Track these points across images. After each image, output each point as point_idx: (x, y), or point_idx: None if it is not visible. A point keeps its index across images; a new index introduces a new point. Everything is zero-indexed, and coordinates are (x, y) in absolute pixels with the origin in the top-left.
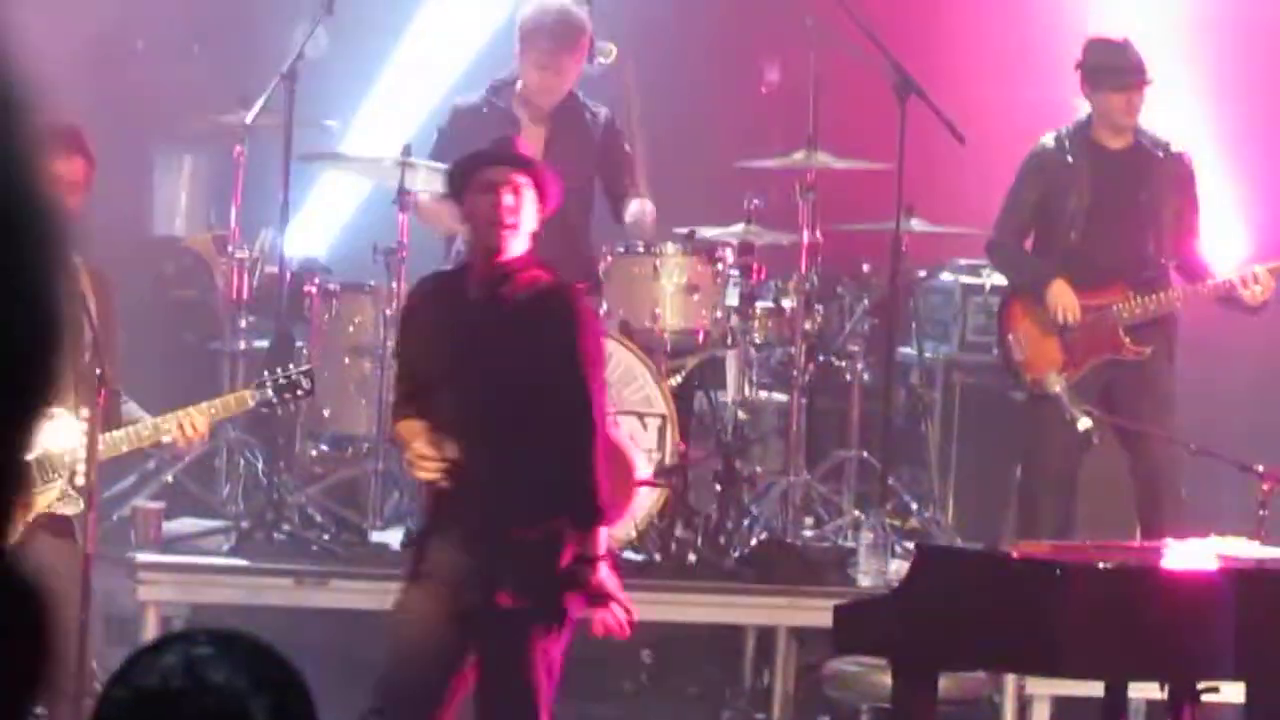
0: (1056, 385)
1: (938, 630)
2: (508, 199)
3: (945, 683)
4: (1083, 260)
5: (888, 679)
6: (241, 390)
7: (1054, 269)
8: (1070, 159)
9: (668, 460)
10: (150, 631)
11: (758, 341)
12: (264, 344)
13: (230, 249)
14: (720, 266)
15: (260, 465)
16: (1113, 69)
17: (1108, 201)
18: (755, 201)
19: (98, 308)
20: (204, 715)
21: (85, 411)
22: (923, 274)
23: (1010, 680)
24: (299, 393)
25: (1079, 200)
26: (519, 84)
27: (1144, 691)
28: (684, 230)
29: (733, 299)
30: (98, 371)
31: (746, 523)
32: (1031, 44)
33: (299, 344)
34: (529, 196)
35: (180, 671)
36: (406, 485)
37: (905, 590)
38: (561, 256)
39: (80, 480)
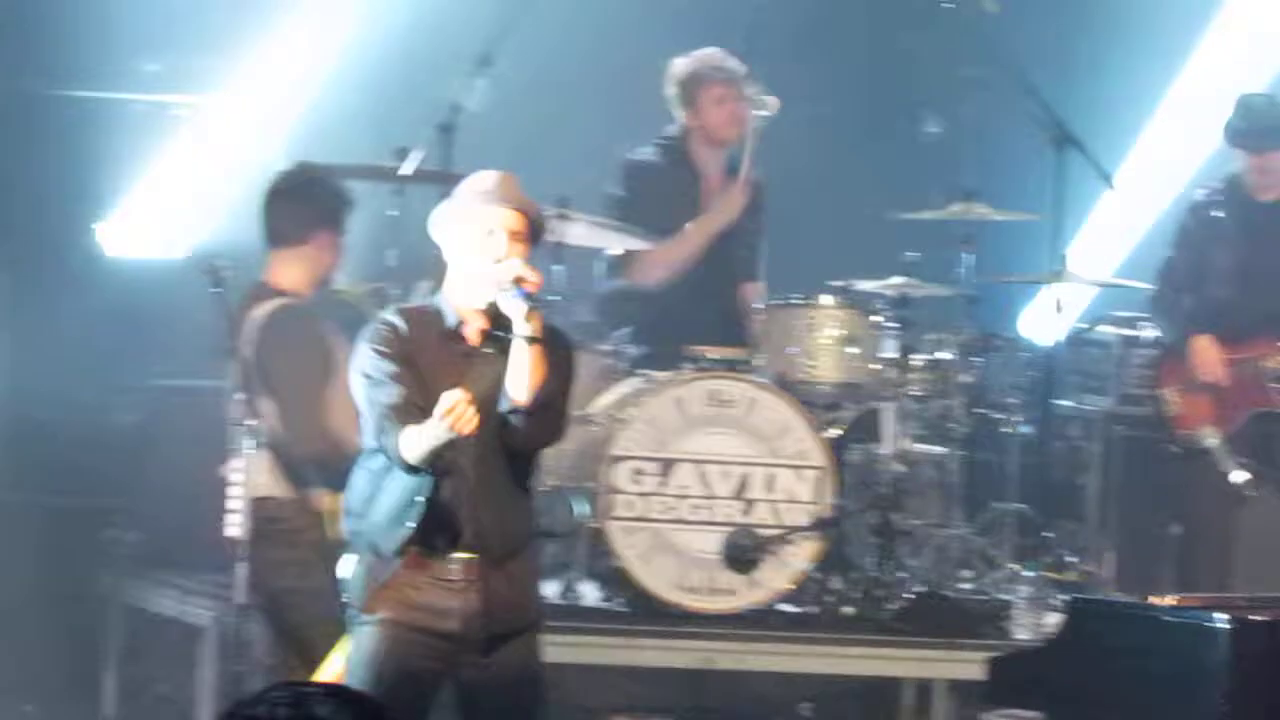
0: (1209, 440)
1: (1093, 683)
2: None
3: None
4: (1233, 313)
5: None
6: None
7: (1201, 324)
8: (1222, 213)
9: (825, 512)
10: None
11: (915, 394)
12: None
13: (388, 301)
14: (877, 319)
15: None
16: (1248, 132)
17: (1257, 255)
18: (913, 254)
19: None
20: None
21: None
22: (1082, 326)
23: None
24: None
25: (1229, 254)
26: (690, 134)
27: None
28: (841, 283)
29: (890, 351)
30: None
31: (903, 575)
32: (1187, 95)
33: None
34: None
35: (287, 703)
36: (563, 537)
37: (1060, 643)
38: (728, 320)
39: None
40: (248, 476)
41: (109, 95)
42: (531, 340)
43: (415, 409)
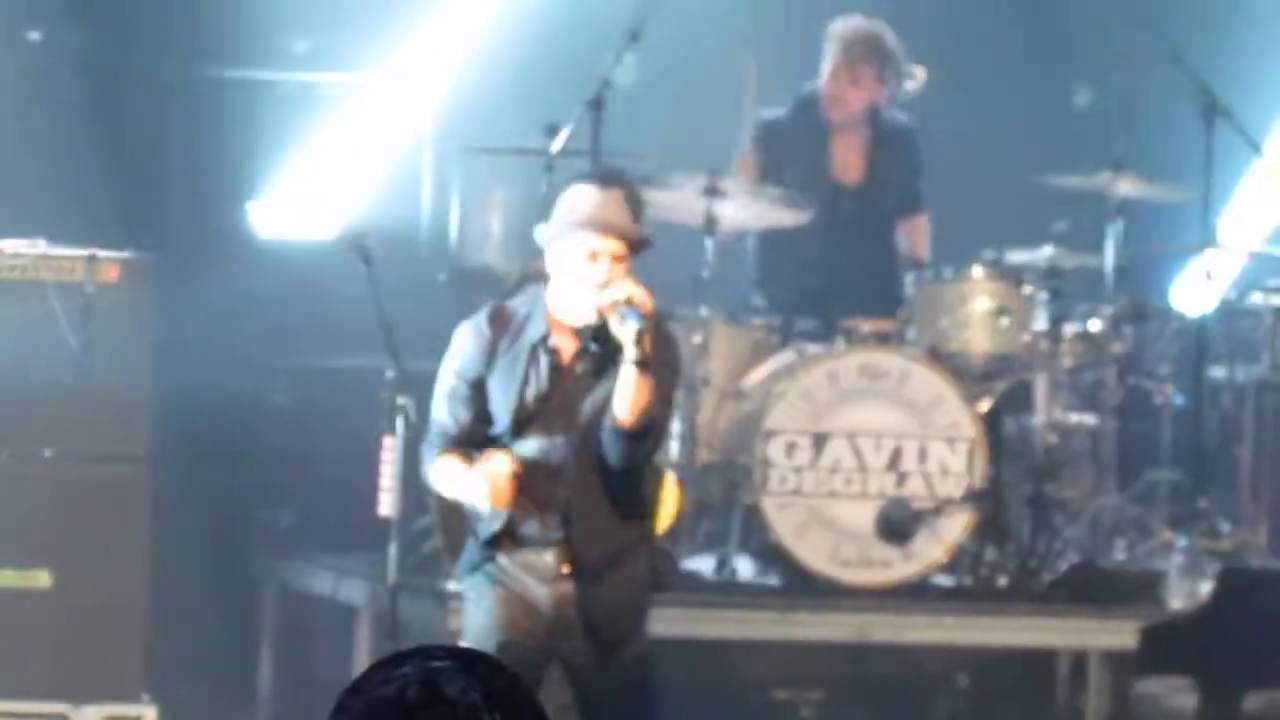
0: None
1: (1244, 650)
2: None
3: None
4: None
5: (1194, 700)
6: None
7: None
8: None
9: (978, 484)
10: None
11: (1067, 365)
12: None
13: (542, 279)
14: (1029, 290)
15: None
16: None
17: None
18: (1063, 224)
19: None
20: None
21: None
22: (1232, 295)
23: None
24: None
25: None
26: (821, 93)
27: None
28: (991, 254)
29: (1041, 322)
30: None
31: (1057, 546)
32: None
33: None
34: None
35: (416, 681)
36: (718, 512)
37: (1214, 611)
38: (880, 284)
39: None
40: (400, 454)
41: (258, 75)
42: (642, 365)
43: (462, 432)
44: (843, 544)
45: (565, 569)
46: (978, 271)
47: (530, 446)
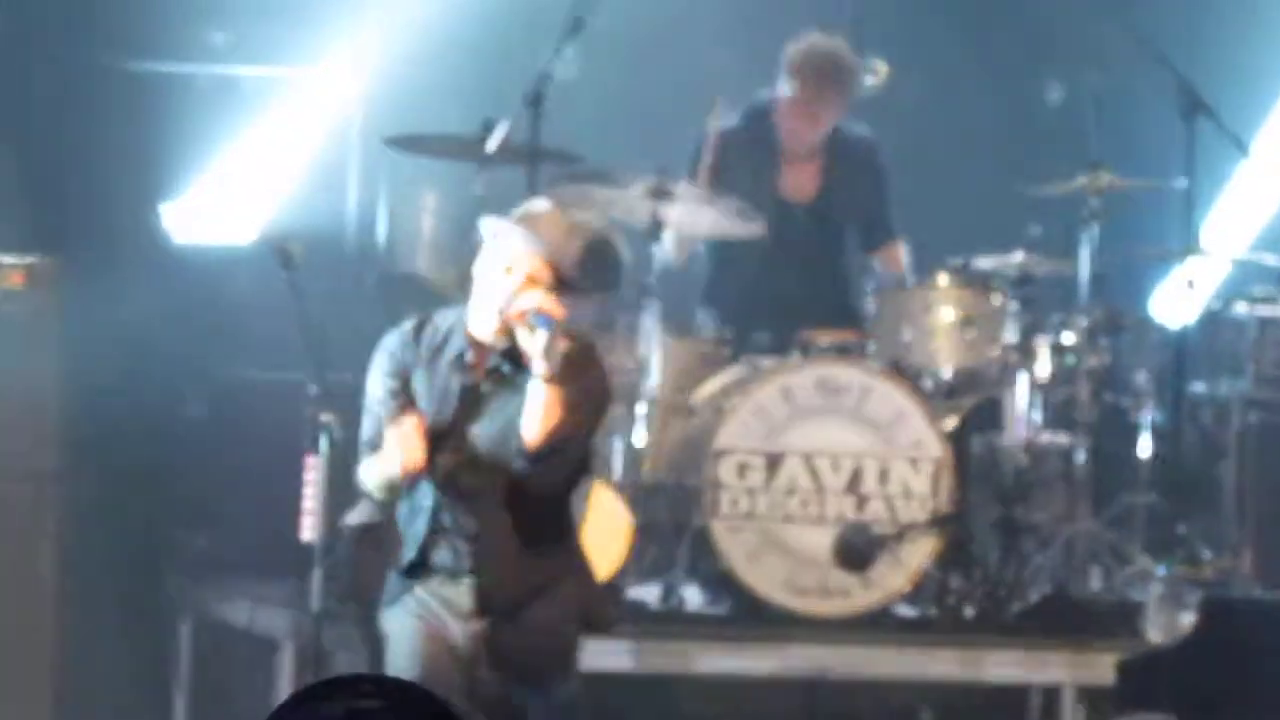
0: None
1: (1229, 685)
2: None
3: None
4: None
5: None
6: None
7: None
8: None
9: (943, 507)
10: None
11: (1039, 379)
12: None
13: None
14: (998, 299)
15: None
16: None
17: None
18: (1034, 229)
19: None
20: None
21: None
22: (1216, 305)
23: None
24: None
25: None
26: (777, 111)
27: None
28: (958, 260)
29: (1012, 334)
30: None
31: (1028, 574)
32: None
33: None
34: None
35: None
36: (664, 537)
37: (1196, 643)
38: (833, 303)
39: None
40: (324, 475)
41: (173, 68)
42: (551, 380)
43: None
44: (798, 571)
45: (475, 605)
46: (943, 279)
47: (441, 469)
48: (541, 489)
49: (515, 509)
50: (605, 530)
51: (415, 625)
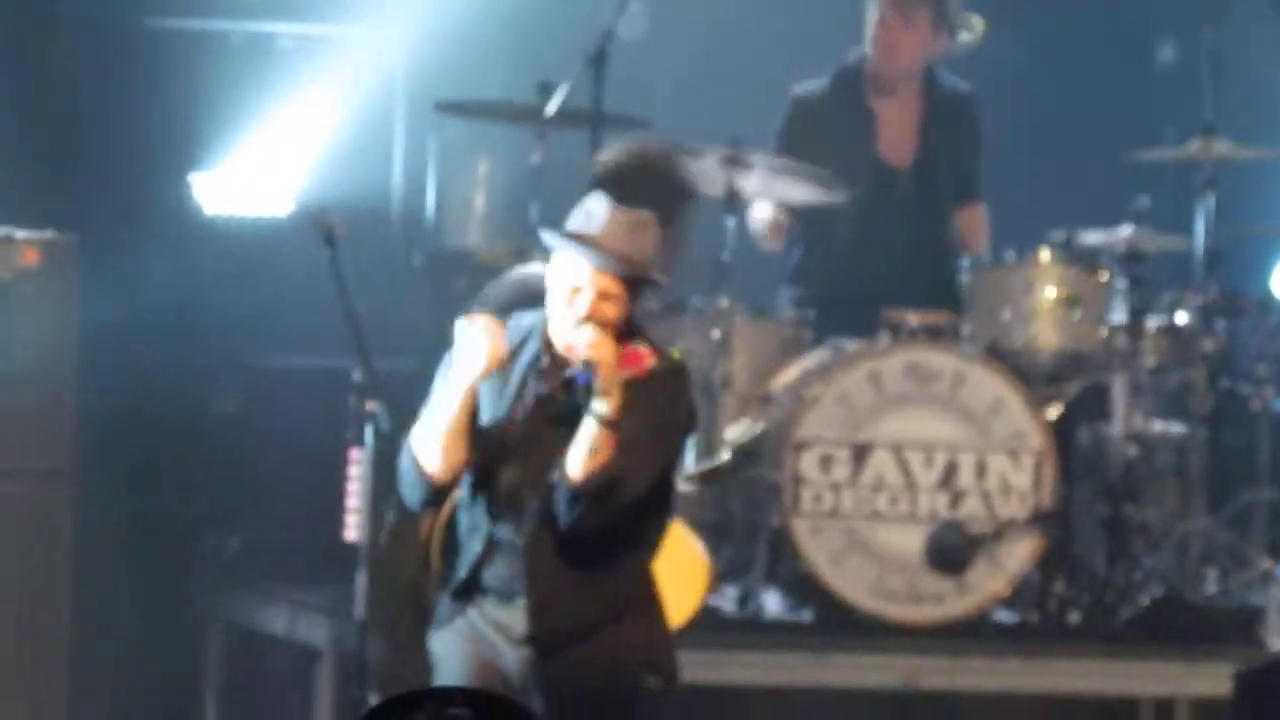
0: None
1: None
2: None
3: None
4: None
5: None
6: None
7: None
8: None
9: (1045, 503)
10: None
11: (1150, 364)
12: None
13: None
14: (1105, 277)
15: None
16: None
17: None
18: (1144, 200)
19: None
20: None
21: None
22: None
23: None
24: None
25: None
26: (864, 64)
27: None
28: (1061, 235)
29: (1119, 315)
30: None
31: (1138, 577)
32: None
33: None
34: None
35: None
36: (739, 537)
37: None
38: (933, 276)
39: None
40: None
41: (205, 25)
42: (608, 424)
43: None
44: (887, 574)
45: (527, 630)
46: (1045, 256)
47: (503, 482)
48: (577, 528)
49: (574, 531)
50: (678, 575)
51: (466, 649)
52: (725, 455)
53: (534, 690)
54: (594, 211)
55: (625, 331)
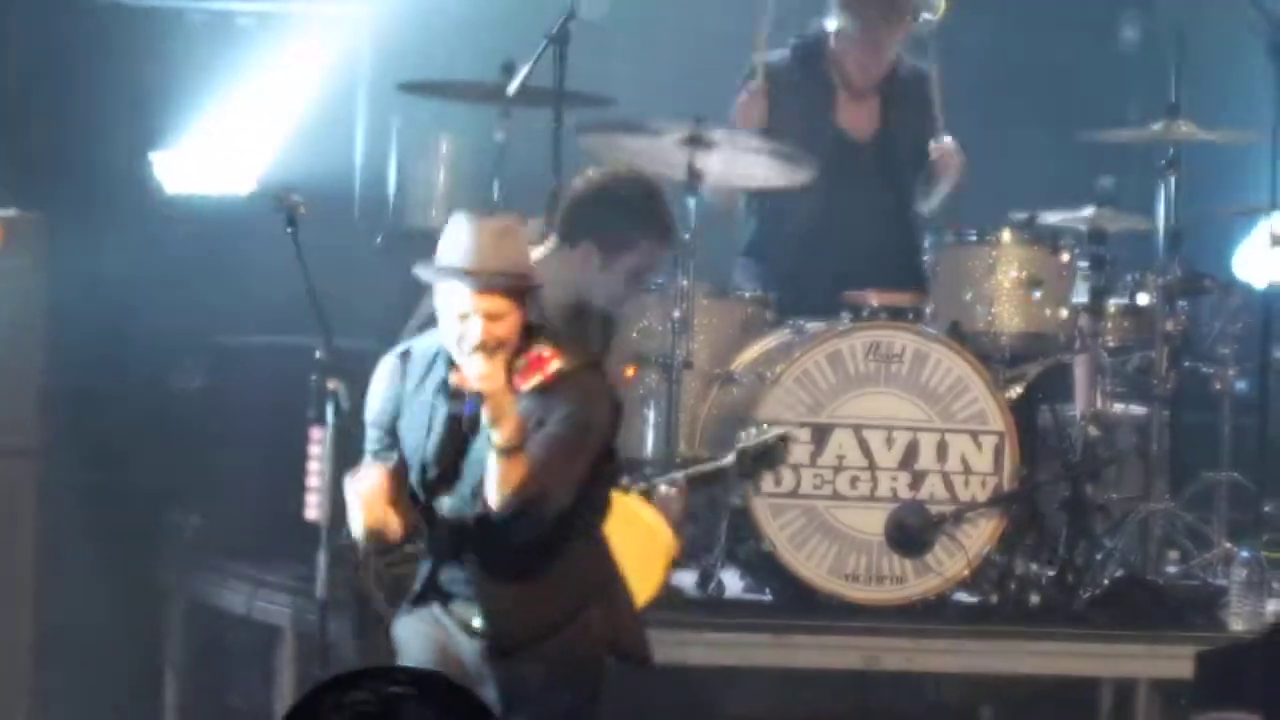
0: None
1: None
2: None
3: None
4: None
5: None
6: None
7: None
8: None
9: (1006, 485)
10: None
11: (1112, 345)
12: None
13: None
14: (1067, 257)
15: None
16: None
17: None
18: (1107, 181)
19: None
20: None
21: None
22: None
23: None
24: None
25: None
26: (831, 45)
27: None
28: (1023, 215)
29: (1081, 295)
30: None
31: (1099, 558)
32: None
33: None
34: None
35: (374, 713)
36: (703, 517)
37: None
38: (895, 252)
39: None
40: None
41: (162, 2)
42: (503, 450)
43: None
44: (848, 555)
45: (485, 628)
46: (1007, 236)
47: (444, 506)
48: (522, 540)
49: (515, 545)
50: (642, 552)
51: (426, 633)
52: (730, 458)
53: (489, 680)
54: (458, 236)
55: (526, 337)
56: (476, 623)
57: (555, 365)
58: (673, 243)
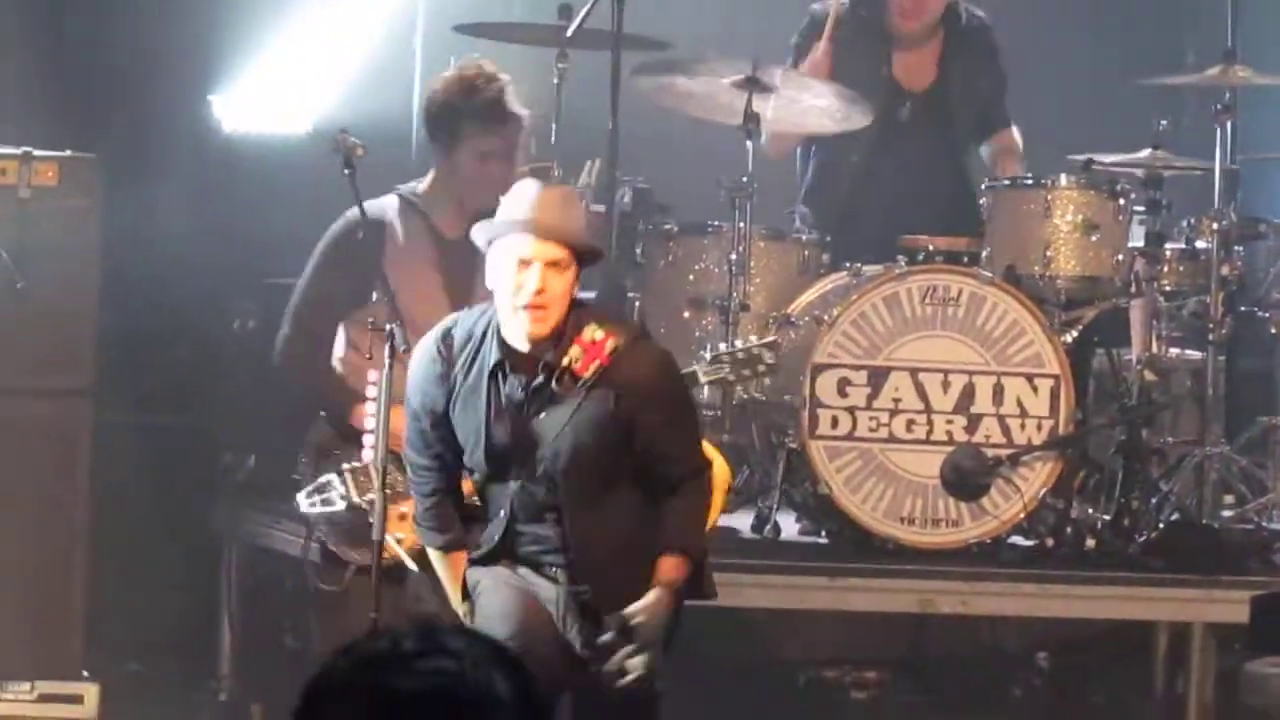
0: None
1: None
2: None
3: None
4: None
5: None
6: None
7: None
8: None
9: (1062, 429)
10: None
11: (1168, 289)
12: (589, 295)
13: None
14: (1123, 201)
15: None
16: None
17: None
18: (1164, 124)
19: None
20: (442, 676)
21: (373, 374)
22: None
23: None
24: (760, 369)
25: None
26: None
27: None
28: (1080, 158)
29: (1137, 239)
30: (388, 327)
31: (1155, 502)
32: None
33: (631, 295)
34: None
35: (414, 635)
36: (758, 459)
37: None
38: (948, 199)
39: None
40: (388, 388)
41: None
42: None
43: (443, 473)
44: (904, 498)
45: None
46: (1062, 179)
47: (512, 490)
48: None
49: (596, 513)
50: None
51: (509, 584)
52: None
53: (573, 618)
54: (522, 195)
55: (574, 325)
56: (562, 580)
57: (610, 345)
58: (489, 111)
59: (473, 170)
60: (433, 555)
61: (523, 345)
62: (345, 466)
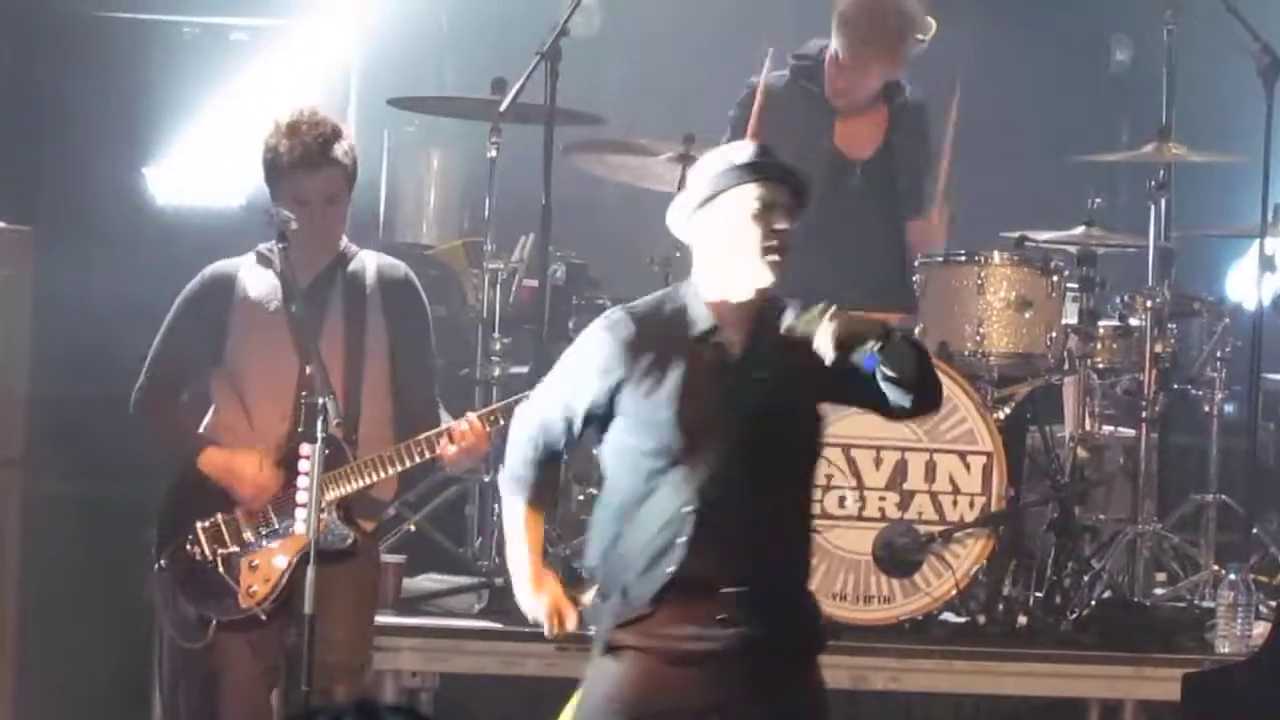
0: None
1: None
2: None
3: None
4: None
5: None
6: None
7: None
8: None
9: (994, 505)
10: None
11: (1101, 366)
12: (522, 369)
13: (484, 259)
14: (1056, 278)
15: None
16: None
17: None
18: (1098, 201)
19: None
20: None
21: (305, 448)
22: None
23: None
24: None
25: None
26: (826, 65)
27: None
28: (1013, 235)
29: (1071, 316)
30: (320, 402)
31: (1087, 579)
32: None
33: None
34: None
35: (355, 712)
36: None
37: (1267, 657)
38: (886, 272)
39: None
40: (319, 464)
41: (156, 17)
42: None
43: (550, 449)
44: (836, 574)
45: (745, 608)
46: (996, 256)
47: (700, 476)
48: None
49: (785, 500)
50: None
51: (636, 657)
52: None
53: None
54: (738, 149)
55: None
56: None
57: (791, 315)
58: (304, 156)
59: (294, 214)
60: (515, 525)
61: (749, 296)
62: (200, 525)
